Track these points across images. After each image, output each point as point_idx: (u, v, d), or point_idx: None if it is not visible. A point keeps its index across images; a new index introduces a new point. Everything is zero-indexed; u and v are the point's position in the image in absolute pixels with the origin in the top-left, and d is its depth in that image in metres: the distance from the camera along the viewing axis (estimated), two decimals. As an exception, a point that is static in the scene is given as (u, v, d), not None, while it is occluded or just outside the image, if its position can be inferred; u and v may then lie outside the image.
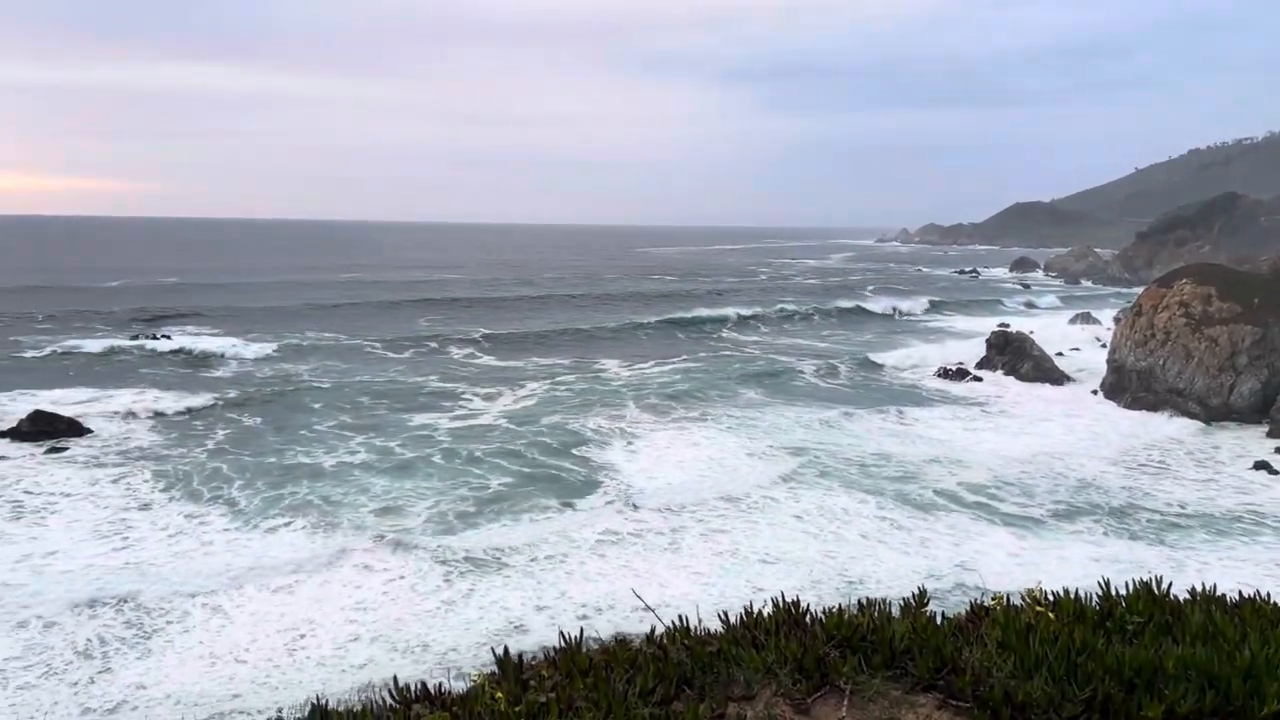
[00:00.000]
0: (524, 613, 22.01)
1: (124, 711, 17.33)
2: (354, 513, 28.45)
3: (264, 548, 25.55)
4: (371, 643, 20.29)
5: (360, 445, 36.65)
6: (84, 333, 65.29)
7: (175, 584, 22.87)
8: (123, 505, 28.58)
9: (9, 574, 23.17)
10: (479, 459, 34.85)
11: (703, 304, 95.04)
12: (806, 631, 4.44)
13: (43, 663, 18.94)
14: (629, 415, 42.57)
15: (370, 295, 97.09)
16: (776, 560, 25.32)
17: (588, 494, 31.23)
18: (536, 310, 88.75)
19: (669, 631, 4.49)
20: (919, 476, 33.83)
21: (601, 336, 69.81)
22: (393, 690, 4.03)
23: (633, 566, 24.82)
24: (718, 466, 34.61)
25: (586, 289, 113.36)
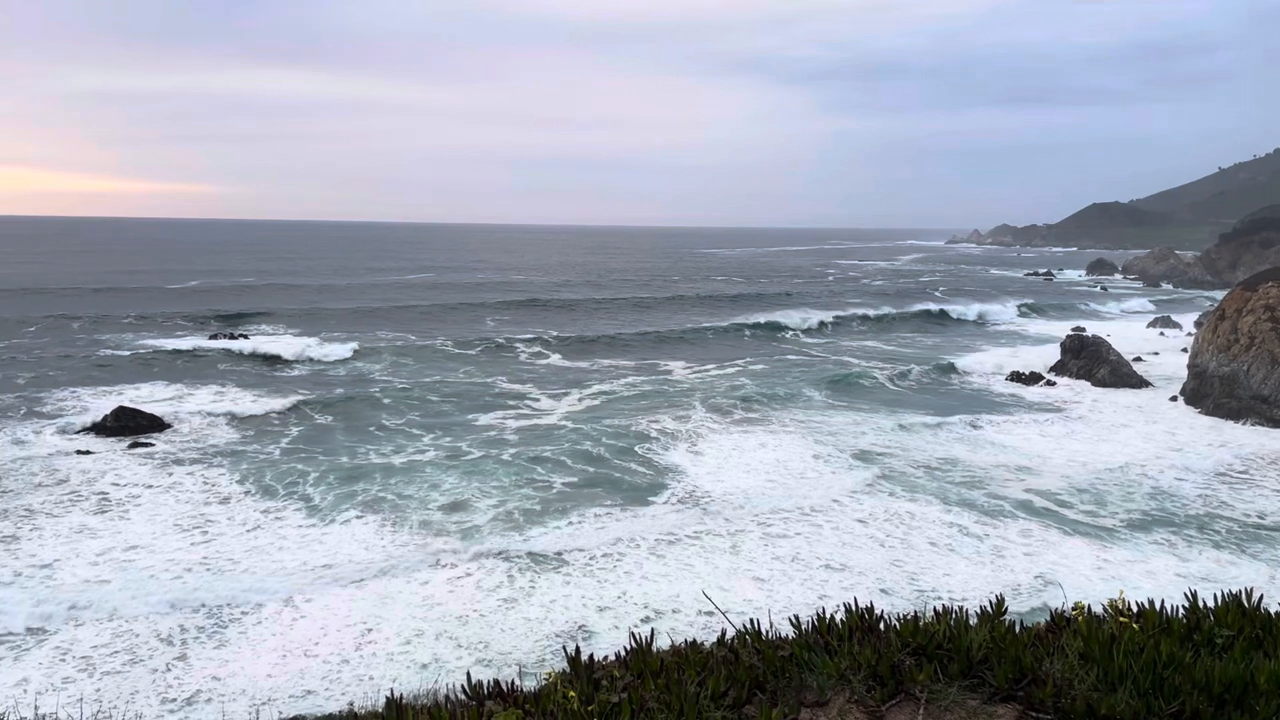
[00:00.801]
0: (585, 613, 22.08)
1: (199, 702, 17.78)
2: (423, 510, 28.86)
3: (337, 543, 26.04)
4: (436, 639, 20.55)
5: (429, 444, 37.18)
6: (165, 332, 67.36)
7: (251, 578, 23.45)
8: (202, 500, 29.42)
9: (95, 568, 23.98)
10: (545, 459, 35.08)
11: (768, 306, 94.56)
12: (880, 638, 4.37)
13: (128, 650, 19.54)
14: (694, 417, 42.48)
15: (439, 297, 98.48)
16: (842, 567, 25.02)
17: (651, 495, 31.24)
18: (602, 312, 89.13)
19: (740, 635, 4.46)
20: (989, 483, 33.18)
21: (667, 339, 69.80)
22: (466, 687, 4.06)
23: (694, 569, 24.75)
24: (782, 469, 34.35)
25: (651, 291, 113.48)
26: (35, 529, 26.32)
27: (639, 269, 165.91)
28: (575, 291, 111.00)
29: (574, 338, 69.07)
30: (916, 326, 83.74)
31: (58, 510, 28.02)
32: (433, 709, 3.83)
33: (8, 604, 21.59)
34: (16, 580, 22.78)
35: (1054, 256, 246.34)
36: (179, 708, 17.61)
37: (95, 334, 65.61)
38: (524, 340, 67.29)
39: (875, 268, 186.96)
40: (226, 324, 72.13)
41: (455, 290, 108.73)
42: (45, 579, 22.95)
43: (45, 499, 28.95)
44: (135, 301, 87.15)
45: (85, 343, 61.67)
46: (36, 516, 27.37)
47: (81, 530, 26.39)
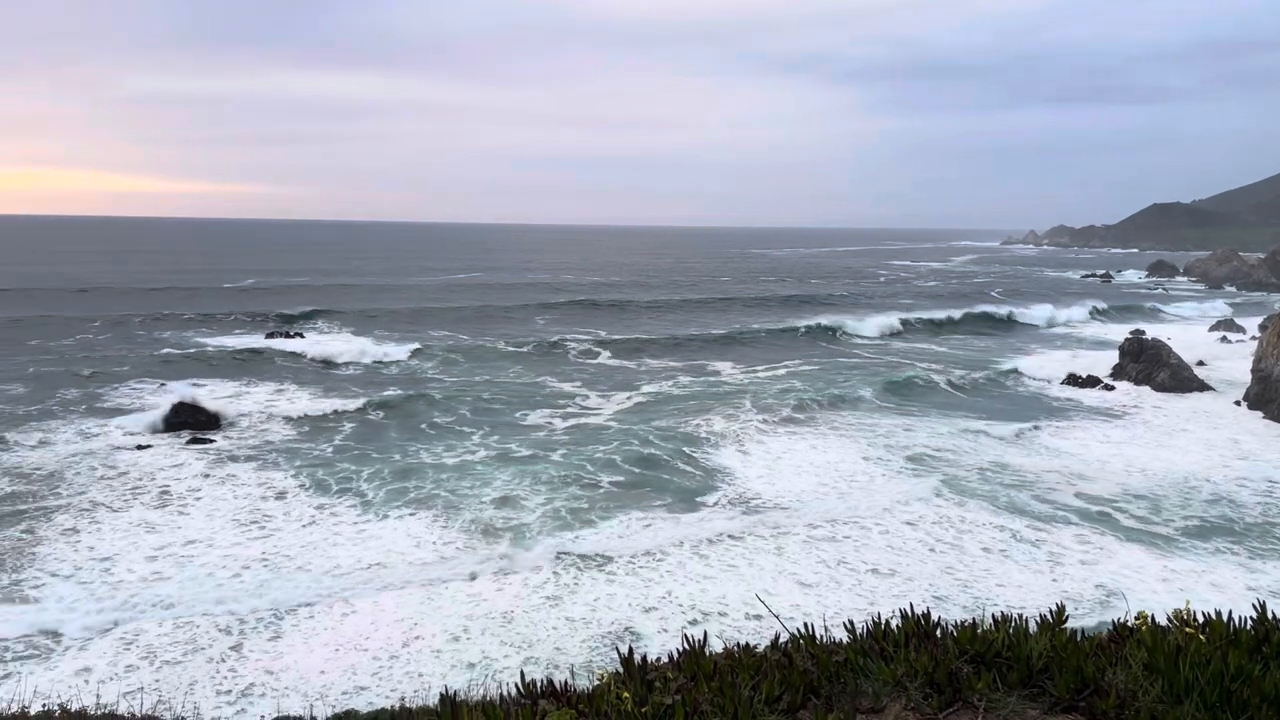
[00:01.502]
0: (631, 613, 22.09)
1: (254, 696, 18.09)
2: (472, 507, 29.08)
3: (388, 539, 26.35)
4: (482, 634, 20.71)
5: (479, 442, 37.49)
6: (223, 330, 68.79)
7: (306, 575, 23.82)
8: (259, 495, 29.97)
9: (155, 563, 24.52)
10: (593, 458, 35.17)
11: (819, 308, 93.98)
12: (937, 645, 4.31)
13: (186, 642, 19.94)
14: (743, 418, 42.32)
15: (491, 297, 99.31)
16: (891, 573, 24.74)
17: (699, 496, 31.18)
18: (651, 312, 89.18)
19: (793, 639, 4.42)
20: (1043, 488, 32.61)
21: (716, 340, 69.59)
22: (520, 685, 4.08)
23: (740, 571, 24.63)
24: (832, 472, 34.08)
25: (700, 292, 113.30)
26: (95, 523, 26.99)
27: (688, 269, 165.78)
28: (625, 292, 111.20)
29: (623, 338, 69.17)
30: (970, 329, 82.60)
31: (117, 504, 28.71)
32: (487, 706, 3.85)
33: (67, 597, 22.17)
34: (76, 574, 23.37)
35: (1112, 258, 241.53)
36: (234, 700, 17.93)
37: (155, 332, 67.16)
38: (574, 340, 67.54)
39: (928, 268, 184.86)
40: (283, 323, 73.37)
41: (507, 290, 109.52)
42: (104, 572, 23.51)
43: (105, 493, 29.67)
44: (193, 300, 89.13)
45: (145, 340, 63.15)
46: (96, 510, 28.06)
47: (141, 524, 27.01)
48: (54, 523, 26.82)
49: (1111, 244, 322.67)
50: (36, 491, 29.70)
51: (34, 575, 23.07)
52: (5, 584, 22.53)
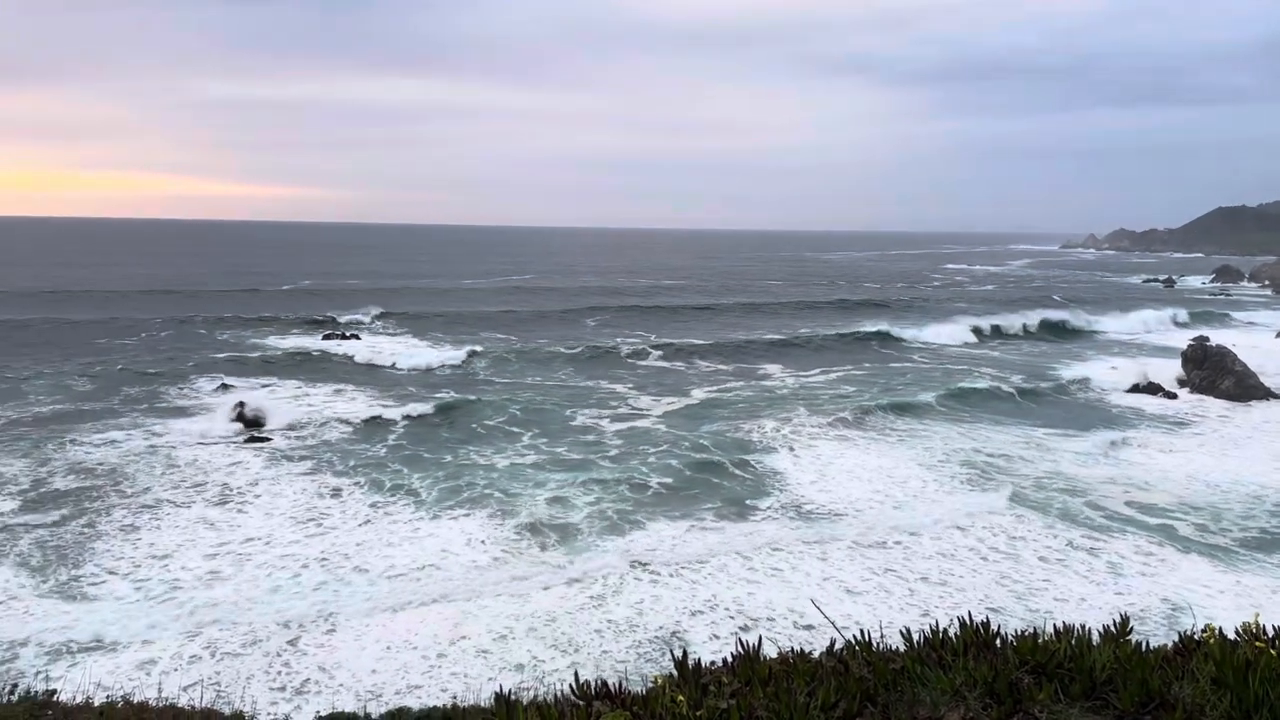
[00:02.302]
0: (678, 617, 22.05)
1: (309, 693, 18.37)
2: (521, 509, 29.23)
3: (439, 539, 26.60)
4: (526, 635, 20.82)
5: (530, 445, 37.71)
6: (282, 331, 70.05)
7: (363, 574, 24.14)
8: (315, 494, 30.47)
9: (214, 560, 25.04)
10: (644, 461, 35.21)
11: (873, 313, 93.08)
12: (996, 655, 4.24)
13: (243, 637, 20.32)
14: (796, 423, 42.06)
15: (544, 300, 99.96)
16: (943, 582, 24.40)
17: (748, 500, 31.05)
18: (704, 316, 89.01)
19: (849, 645, 4.38)
20: (1101, 497, 31.95)
21: (768, 344, 69.24)
22: (574, 685, 4.09)
23: (789, 577, 24.45)
24: (884, 478, 33.73)
25: (753, 296, 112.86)
26: (155, 519, 27.63)
27: (740, 272, 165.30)
28: (678, 295, 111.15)
29: (674, 341, 69.13)
30: (1027, 334, 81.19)
31: (177, 502, 29.36)
32: (542, 706, 3.86)
33: (126, 595, 22.71)
34: (135, 570, 23.92)
35: (1175, 262, 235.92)
36: (290, 697, 18.23)
37: (216, 333, 68.60)
38: (625, 343, 67.68)
39: (984, 272, 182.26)
40: (339, 324, 74.47)
41: (559, 293, 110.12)
42: (162, 568, 24.04)
43: (165, 490, 30.36)
44: (253, 301, 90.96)
45: (206, 341, 64.53)
46: (158, 507, 28.73)
47: (200, 521, 27.59)
48: (114, 519, 27.51)
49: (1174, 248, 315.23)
50: (99, 487, 30.49)
51: (92, 571, 23.65)
52: (64, 579, 23.14)
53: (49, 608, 21.50)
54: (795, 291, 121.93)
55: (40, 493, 29.90)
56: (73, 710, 8.26)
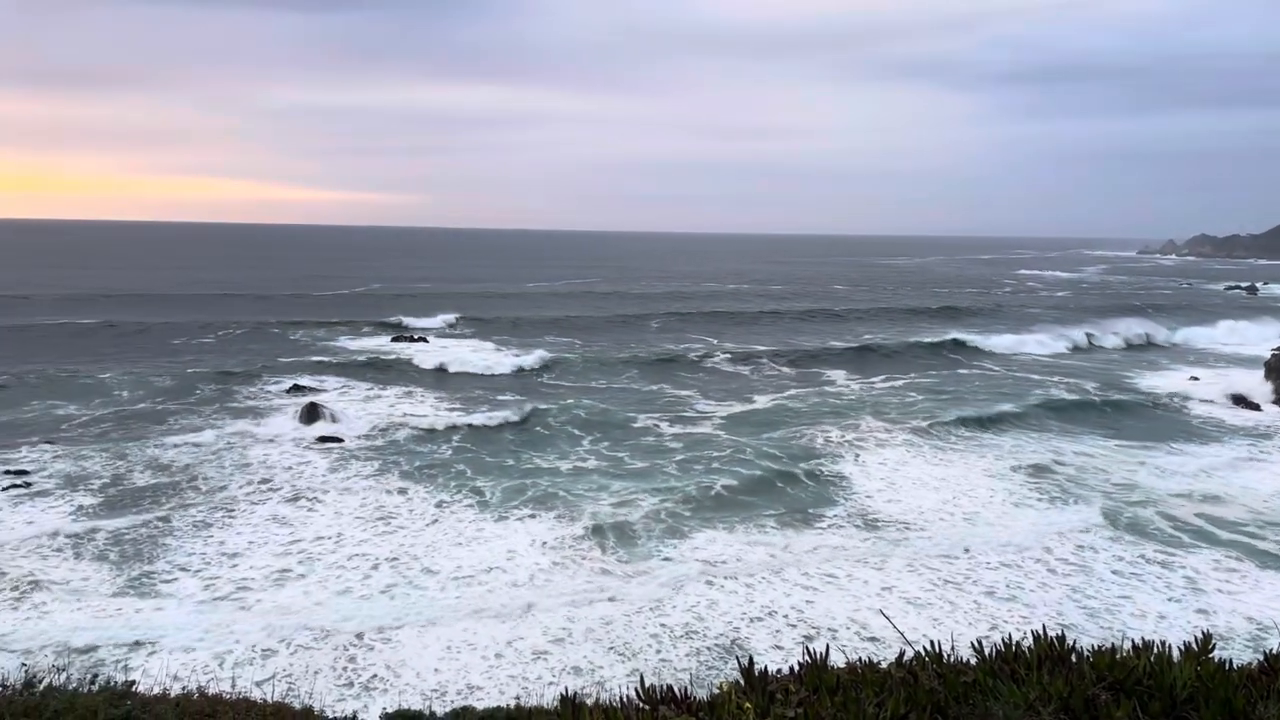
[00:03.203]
0: (738, 623, 21.92)
1: (376, 690, 18.65)
2: (582, 512, 29.33)
3: (507, 542, 26.84)
4: (584, 638, 20.88)
5: (593, 448, 37.86)
6: (352, 333, 71.38)
7: (431, 576, 24.47)
8: (383, 495, 30.98)
9: (285, 558, 25.60)
10: (707, 466, 35.14)
11: (943, 319, 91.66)
12: (1072, 669, 4.13)
13: (318, 634, 20.72)
14: (861, 430, 41.60)
15: (611, 304, 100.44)
16: (1011, 596, 23.87)
17: (811, 507, 30.76)
18: (770, 321, 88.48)
19: (918, 656, 4.30)
20: (1177, 511, 30.99)
21: (835, 350, 68.54)
22: (639, 690, 4.09)
23: (850, 587, 24.16)
24: (952, 489, 33.15)
25: (820, 302, 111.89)
26: (227, 517, 28.35)
27: (808, 278, 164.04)
28: (744, 301, 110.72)
29: (740, 346, 68.88)
30: (1101, 343, 79.14)
31: (249, 500, 30.08)
32: (608, 710, 3.87)
33: (195, 591, 23.29)
34: (207, 567, 24.54)
35: (1259, 269, 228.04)
36: (358, 694, 18.53)
37: (289, 335, 70.14)
38: (689, 348, 67.66)
39: (1057, 279, 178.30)
40: (408, 328, 75.60)
41: (626, 298, 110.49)
42: (233, 566, 24.63)
43: (237, 489, 31.12)
44: (324, 305, 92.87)
45: (279, 343, 66.04)
46: (232, 505, 29.48)
47: (272, 518, 28.24)
48: (188, 516, 28.28)
49: (1257, 254, 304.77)
50: (174, 484, 31.39)
51: (164, 568, 24.32)
52: (139, 574, 23.83)
53: (125, 604, 22.16)
54: (861, 297, 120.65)
55: (119, 489, 30.88)
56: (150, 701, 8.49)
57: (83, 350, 59.72)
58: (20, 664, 13.86)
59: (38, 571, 23.73)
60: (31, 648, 19.36)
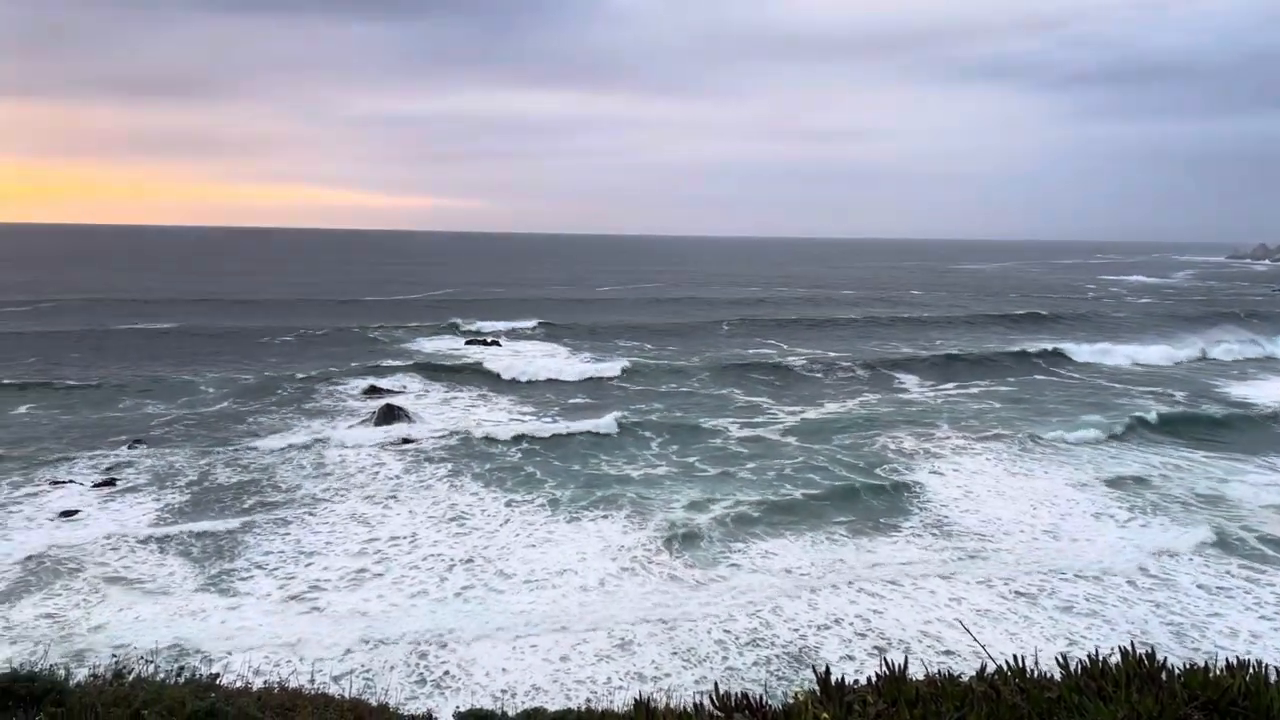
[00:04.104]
0: (806, 631, 21.70)
1: (447, 689, 18.90)
2: (653, 518, 29.32)
3: (576, 546, 27.01)
4: (649, 641, 20.86)
5: (663, 453, 37.87)
6: (428, 336, 72.58)
7: (506, 579, 24.73)
8: (456, 496, 31.46)
9: (361, 557, 26.12)
10: (779, 472, 34.89)
11: (1021, 325, 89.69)
12: (1162, 688, 3.99)
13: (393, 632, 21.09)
14: (937, 439, 40.90)
15: (680, 309, 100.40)
16: (1091, 612, 23.19)
17: (883, 516, 30.29)
18: (841, 327, 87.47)
19: (1000, 671, 4.20)
20: (1268, 526, 29.77)
21: (908, 356, 67.49)
22: (714, 696, 4.07)
23: (921, 599, 23.72)
24: (1030, 500, 32.37)
25: (890, 308, 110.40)
26: (304, 516, 29.02)
27: (880, 282, 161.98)
28: (816, 305, 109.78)
29: (810, 351, 68.30)
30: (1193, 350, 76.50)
31: (326, 499, 30.77)
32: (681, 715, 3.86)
33: (271, 590, 23.85)
34: (284, 566, 25.13)
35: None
36: (429, 691, 18.81)
37: (367, 338, 71.56)
38: (760, 353, 67.33)
39: (1142, 284, 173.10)
40: (482, 332, 76.58)
41: (695, 303, 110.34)
42: (307, 565, 25.19)
43: (313, 489, 31.84)
44: (401, 308, 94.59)
45: (357, 346, 67.44)
46: (309, 505, 30.19)
47: (348, 518, 28.83)
48: (267, 515, 29.02)
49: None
50: (255, 482, 32.26)
51: (243, 566, 24.95)
52: (218, 572, 24.49)
53: (207, 601, 22.83)
54: (937, 302, 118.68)
55: (202, 486, 31.85)
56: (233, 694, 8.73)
57: (169, 353, 61.79)
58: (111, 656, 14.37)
59: (125, 568, 24.58)
60: (120, 641, 20.05)
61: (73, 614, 21.53)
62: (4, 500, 29.80)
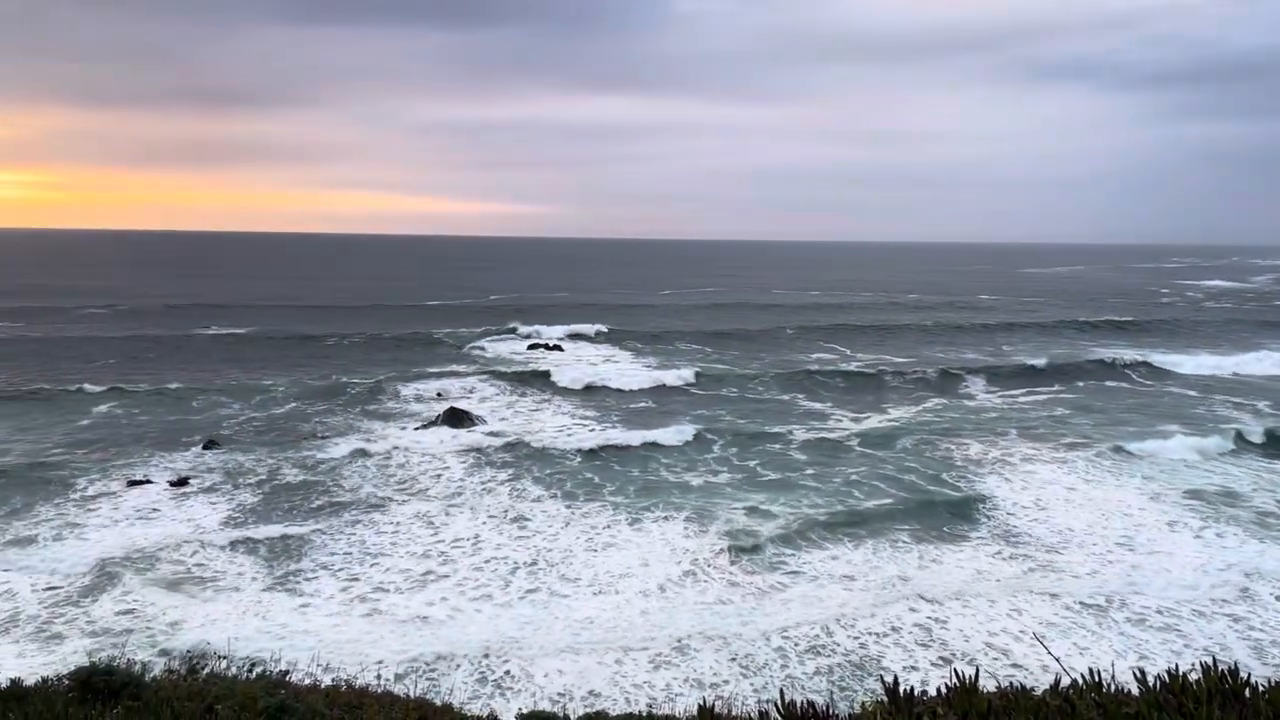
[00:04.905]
0: (867, 640, 21.41)
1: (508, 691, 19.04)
2: (714, 524, 29.19)
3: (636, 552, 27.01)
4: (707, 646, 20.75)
5: (724, 457, 37.71)
6: (492, 340, 73.32)
7: (570, 583, 24.87)
8: (518, 496, 31.73)
9: (428, 560, 26.43)
10: (844, 479, 34.55)
11: (1094, 332, 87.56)
12: (1246, 705, 3.85)
13: (456, 634, 21.32)
14: (1004, 446, 40.11)
15: (742, 314, 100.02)
16: (1165, 626, 22.52)
17: (946, 526, 29.76)
18: (906, 332, 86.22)
19: (1076, 685, 4.09)
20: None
21: (974, 362, 66.33)
22: (779, 705, 4.02)
23: (983, 608, 23.23)
24: (1104, 510, 31.55)
25: (960, 312, 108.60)
26: (369, 518, 29.51)
27: (945, 287, 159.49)
28: (882, 311, 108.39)
29: (877, 358, 67.55)
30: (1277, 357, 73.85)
31: (390, 501, 31.22)
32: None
33: (334, 592, 24.25)
34: (350, 566, 25.56)
35: None
36: (490, 692, 18.98)
37: (432, 342, 72.52)
38: (823, 359, 66.78)
39: (1220, 288, 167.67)
40: (544, 336, 77.14)
41: (757, 308, 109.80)
42: (372, 565, 25.59)
43: (378, 490, 32.36)
44: (465, 313, 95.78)
45: (423, 349, 68.43)
46: (374, 506, 30.66)
47: (413, 519, 29.25)
48: (335, 516, 29.56)
49: None
50: (320, 483, 32.90)
51: (309, 566, 25.42)
52: (286, 571, 24.98)
53: (276, 599, 23.32)
54: (1006, 306, 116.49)
55: (273, 486, 32.57)
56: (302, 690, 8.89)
57: (241, 356, 63.35)
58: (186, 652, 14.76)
59: (198, 565, 25.24)
60: (193, 638, 20.56)
61: (149, 610, 22.15)
62: (84, 499, 30.82)
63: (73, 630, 21.11)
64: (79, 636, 20.73)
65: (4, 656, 18.76)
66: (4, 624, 21.29)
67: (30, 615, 21.81)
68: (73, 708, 7.49)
